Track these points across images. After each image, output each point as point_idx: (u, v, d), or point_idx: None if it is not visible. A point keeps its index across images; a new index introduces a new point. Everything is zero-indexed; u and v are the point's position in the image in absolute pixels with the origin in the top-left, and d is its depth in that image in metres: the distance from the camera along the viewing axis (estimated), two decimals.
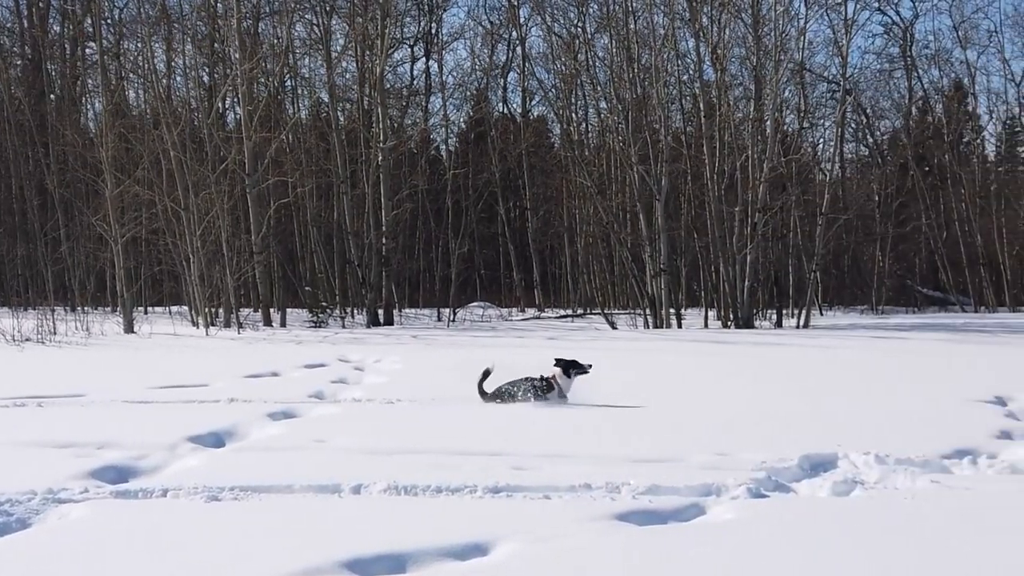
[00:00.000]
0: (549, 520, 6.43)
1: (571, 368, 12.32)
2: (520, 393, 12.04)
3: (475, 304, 45.55)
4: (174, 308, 37.58)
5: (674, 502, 6.90)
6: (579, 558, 5.66)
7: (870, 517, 6.51)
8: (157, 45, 38.79)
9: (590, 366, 12.37)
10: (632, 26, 33.71)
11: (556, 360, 12.47)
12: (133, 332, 29.21)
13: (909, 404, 11.84)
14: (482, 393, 12.19)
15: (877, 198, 48.90)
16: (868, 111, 51.39)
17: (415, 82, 48.10)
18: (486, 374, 12.36)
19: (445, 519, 6.50)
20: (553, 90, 45.36)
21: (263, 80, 39.83)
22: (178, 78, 41.41)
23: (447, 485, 7.32)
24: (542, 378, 12.23)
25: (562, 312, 43.61)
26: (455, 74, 53.68)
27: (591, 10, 38.16)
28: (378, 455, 8.56)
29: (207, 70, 41.11)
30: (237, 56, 34.39)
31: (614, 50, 35.11)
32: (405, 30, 45.55)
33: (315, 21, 38.96)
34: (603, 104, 38.54)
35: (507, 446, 8.90)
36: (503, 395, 12.13)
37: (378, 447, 8.94)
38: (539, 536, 6.04)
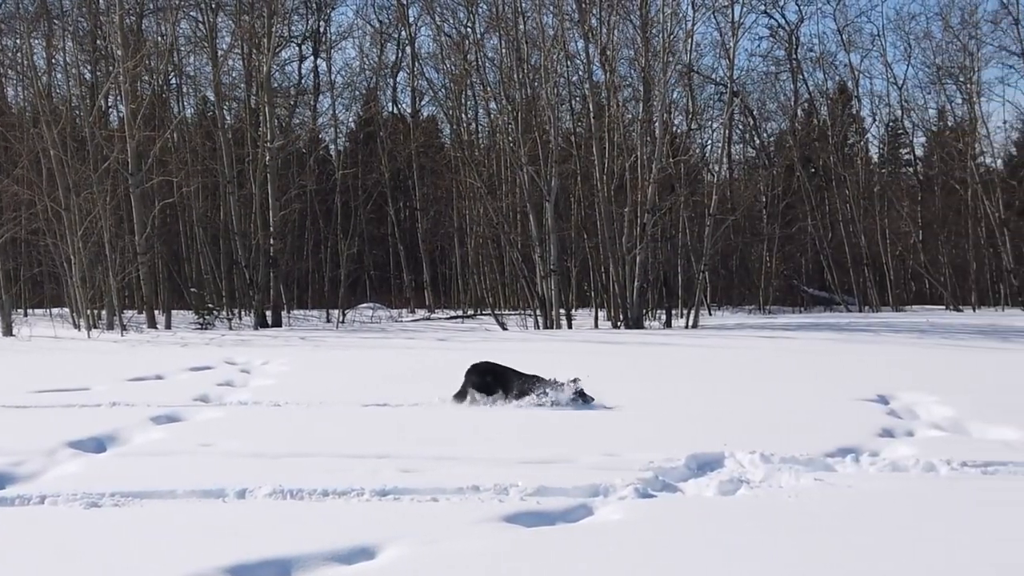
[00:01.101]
0: (436, 522, 6.39)
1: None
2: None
3: (365, 305, 45.23)
4: (55, 310, 36.83)
5: (562, 503, 6.90)
6: (466, 561, 5.61)
7: (755, 516, 6.57)
8: (36, 41, 37.88)
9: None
10: (522, 27, 33.78)
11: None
12: (12, 335, 28.60)
13: (795, 403, 12.00)
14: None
15: (764, 199, 49.57)
16: (755, 113, 52.05)
17: (303, 81, 47.54)
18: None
19: (331, 523, 6.42)
20: (443, 90, 45.23)
21: (147, 78, 39.10)
22: (59, 75, 40.52)
23: (334, 488, 7.24)
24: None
25: (453, 313, 43.53)
26: (344, 73, 53.14)
27: (480, 10, 38.17)
28: (264, 459, 8.44)
29: (89, 67, 40.17)
30: (120, 53, 33.72)
31: (504, 51, 35.19)
32: (293, 28, 44.96)
33: (200, 18, 38.32)
34: (493, 105, 38.57)
35: (396, 448, 8.84)
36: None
37: (264, 451, 8.81)
38: (426, 539, 5.99)
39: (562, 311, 32.67)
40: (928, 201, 51.71)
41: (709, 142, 48.94)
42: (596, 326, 32.57)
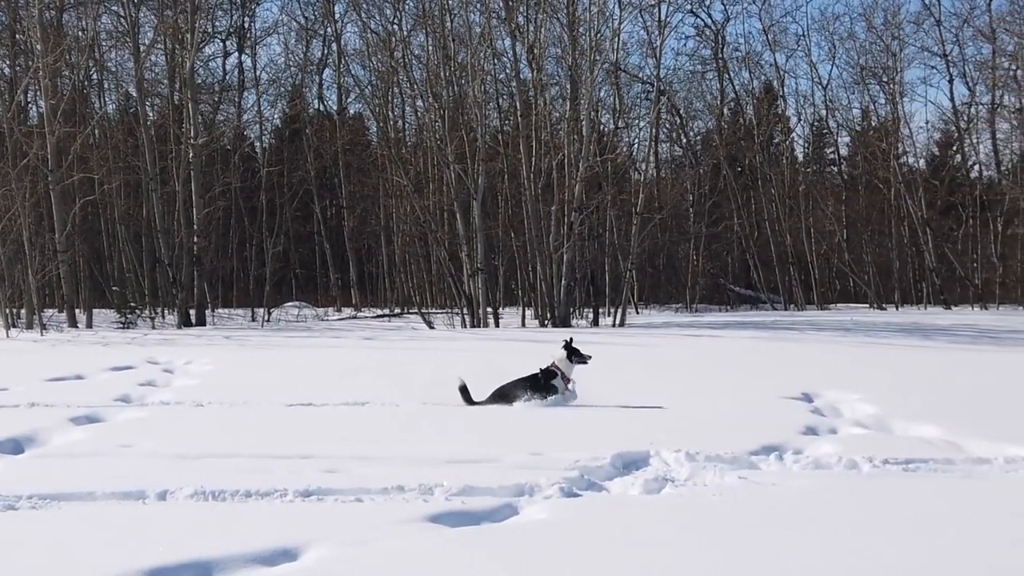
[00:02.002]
0: (360, 523, 6.31)
1: (573, 355, 12.19)
2: (523, 394, 11.79)
3: (291, 304, 44.98)
4: None
5: (488, 503, 6.85)
6: (389, 561, 5.55)
7: (679, 514, 6.58)
8: None
9: (589, 357, 12.33)
10: (448, 24, 33.68)
11: (565, 344, 12.32)
12: None
13: (720, 402, 12.05)
14: (471, 402, 11.82)
15: (691, 198, 50.01)
16: (682, 112, 52.48)
17: (228, 77, 47.14)
18: (464, 390, 11.92)
19: (254, 524, 6.31)
20: (369, 88, 45.05)
21: (67, 73, 38.51)
22: None
23: (256, 489, 7.13)
24: (542, 370, 12.10)
25: (379, 312, 43.32)
26: (269, 70, 52.78)
27: (407, 7, 38.01)
28: (186, 460, 8.30)
29: (7, 62, 39.50)
30: (39, 48, 33.12)
31: (430, 48, 35.05)
32: (217, 23, 44.61)
33: (122, 13, 37.76)
34: (420, 102, 38.42)
35: (320, 448, 8.75)
36: (503, 397, 11.87)
37: (186, 451, 8.67)
38: (349, 540, 5.90)
39: (489, 310, 32.62)
40: (852, 200, 52.38)
41: (636, 141, 49.21)
42: (523, 325, 32.55)
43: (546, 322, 31.67)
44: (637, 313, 41.48)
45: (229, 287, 48.47)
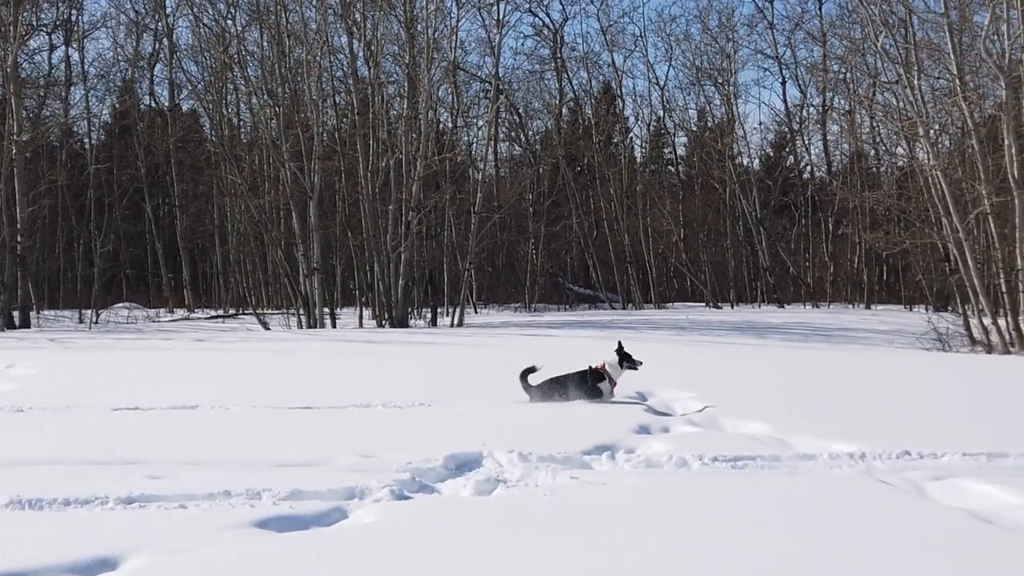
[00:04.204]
0: (184, 530, 6.12)
1: (625, 360, 12.14)
2: (572, 391, 11.82)
3: (121, 305, 43.80)
4: None
5: (316, 507, 6.73)
6: (212, 568, 5.40)
7: (510, 515, 6.56)
8: None
9: (640, 363, 12.26)
10: (284, 20, 33.19)
11: (617, 348, 12.25)
12: None
13: (555, 401, 12.04)
14: (527, 388, 11.95)
15: (530, 197, 50.23)
16: (520, 111, 52.72)
17: (54, 72, 45.71)
18: (530, 371, 12.06)
19: (72, 534, 6.06)
20: (203, 84, 44.13)
21: None
22: None
23: (76, 497, 6.86)
24: (591, 369, 12.05)
25: (213, 313, 42.51)
26: (98, 64, 51.20)
27: (241, 2, 37.30)
28: (2, 467, 7.95)
29: None
30: None
31: (265, 44, 34.52)
32: (42, 16, 43.14)
33: None
34: (255, 100, 37.79)
35: (145, 454, 8.48)
36: (551, 391, 11.90)
37: (2, 458, 8.31)
38: (172, 547, 5.72)
39: (326, 310, 32.28)
40: (689, 200, 53.39)
41: (475, 140, 49.26)
42: (361, 325, 32.32)
43: (384, 322, 31.50)
44: (476, 313, 41.60)
45: (56, 288, 47.05)
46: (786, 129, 54.16)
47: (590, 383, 12.01)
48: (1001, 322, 23.37)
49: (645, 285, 50.14)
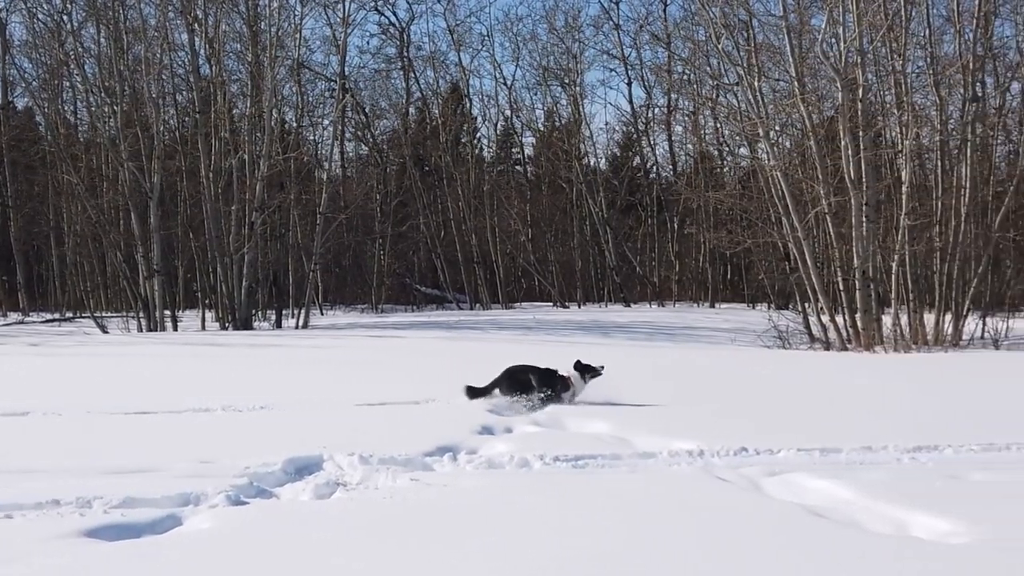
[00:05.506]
0: (9, 541, 5.90)
1: (586, 372, 12.09)
2: (536, 395, 11.71)
3: None
4: None
5: (150, 514, 6.55)
6: None
7: (348, 518, 6.50)
8: None
9: (602, 367, 12.19)
10: (122, 16, 32.30)
11: (575, 364, 12.17)
12: None
13: (399, 403, 12.05)
14: (486, 389, 11.91)
15: (377, 197, 49.90)
16: (367, 110, 52.34)
17: None
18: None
19: None
20: (37, 81, 42.68)
21: None
22: None
23: None
24: (560, 376, 12.05)
25: (49, 316, 41.14)
26: None
27: None
28: None
29: None
30: None
31: (103, 41, 33.53)
32: None
33: None
34: (92, 98, 36.73)
35: None
36: (515, 382, 11.85)
37: None
38: None
39: (167, 313, 31.53)
40: (537, 200, 53.63)
41: (321, 139, 48.73)
42: (203, 328, 31.66)
43: (227, 325, 30.92)
44: (322, 314, 41.18)
45: None
46: (632, 129, 54.81)
47: (559, 388, 12.02)
48: (839, 319, 23.93)
49: (493, 285, 50.23)
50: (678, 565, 5.33)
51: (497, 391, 11.92)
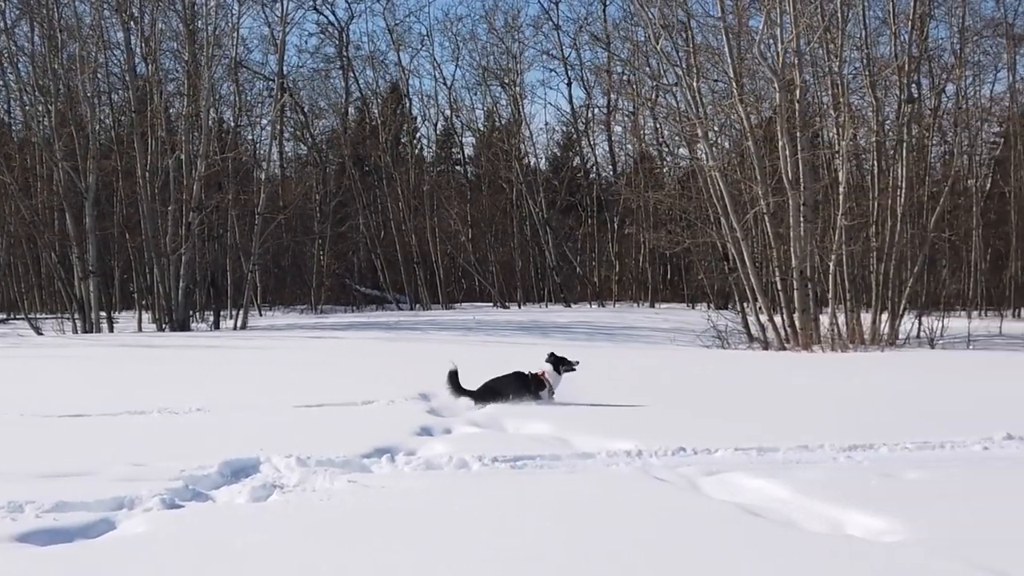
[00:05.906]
0: None
1: (560, 364, 12.16)
2: (512, 393, 11.73)
3: None
4: None
5: (82, 518, 6.44)
6: None
7: (284, 521, 6.45)
8: None
9: (577, 363, 12.28)
10: (56, 14, 31.88)
11: (548, 356, 12.25)
12: None
13: (337, 404, 12.02)
14: (461, 392, 11.80)
15: (316, 197, 49.62)
16: (306, 110, 52.03)
17: None
18: (454, 375, 11.86)
19: None
20: None
21: None
22: None
23: None
24: (532, 376, 12.01)
25: None
26: None
27: None
28: None
29: None
30: None
31: (37, 39, 33.10)
32: None
33: None
34: (26, 97, 36.25)
35: None
36: (491, 394, 11.75)
37: None
38: None
39: (103, 314, 31.17)
40: (477, 200, 53.51)
41: (259, 139, 48.35)
42: (140, 329, 31.38)
43: (164, 326, 30.63)
44: (261, 315, 40.95)
45: None
46: (572, 130, 54.95)
47: (533, 390, 12.01)
48: (777, 319, 24.14)
49: (433, 286, 50.15)
50: (615, 566, 5.33)
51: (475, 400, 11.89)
